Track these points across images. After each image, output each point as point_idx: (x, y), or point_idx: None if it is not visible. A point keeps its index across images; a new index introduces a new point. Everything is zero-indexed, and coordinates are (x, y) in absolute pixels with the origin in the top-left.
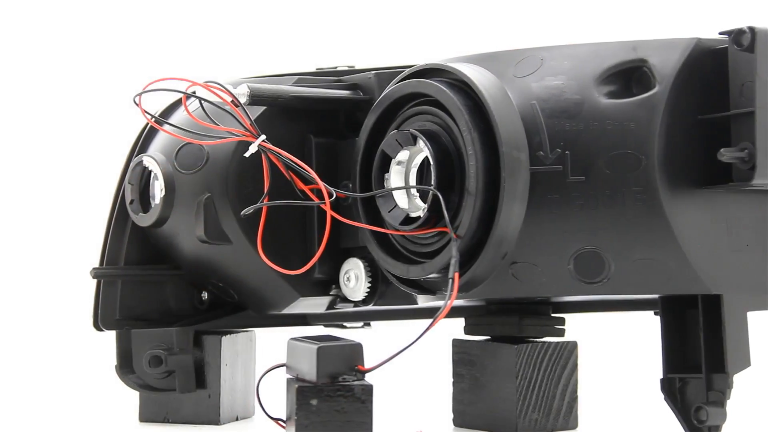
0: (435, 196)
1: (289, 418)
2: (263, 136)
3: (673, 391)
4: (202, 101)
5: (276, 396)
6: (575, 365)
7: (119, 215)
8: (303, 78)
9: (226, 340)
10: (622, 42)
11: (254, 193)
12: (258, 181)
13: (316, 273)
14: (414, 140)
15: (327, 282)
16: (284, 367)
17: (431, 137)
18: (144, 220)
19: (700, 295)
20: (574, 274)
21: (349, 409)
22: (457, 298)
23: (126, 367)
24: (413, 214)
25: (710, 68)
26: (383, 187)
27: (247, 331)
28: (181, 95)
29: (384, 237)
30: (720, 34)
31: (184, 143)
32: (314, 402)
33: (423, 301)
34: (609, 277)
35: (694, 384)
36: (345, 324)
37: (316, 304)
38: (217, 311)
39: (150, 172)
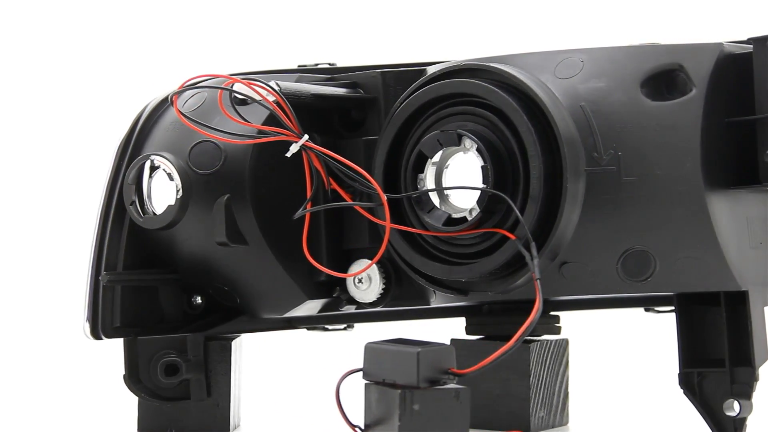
0: (491, 197)
1: (374, 424)
2: (306, 136)
3: (692, 385)
4: (234, 96)
5: (278, 402)
6: (568, 362)
7: (116, 217)
8: (303, 76)
9: (235, 346)
10: (658, 45)
11: (270, 193)
12: (273, 182)
13: (323, 275)
14: (458, 141)
15: (331, 284)
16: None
17: (482, 138)
18: (154, 222)
19: (722, 292)
20: (621, 272)
21: (448, 412)
22: (501, 298)
23: (135, 376)
24: (456, 215)
25: (733, 72)
26: (416, 187)
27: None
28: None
29: (413, 238)
30: (748, 39)
31: (197, 141)
32: (416, 407)
33: (442, 302)
34: (653, 276)
35: (712, 378)
36: (327, 326)
37: (317, 307)
38: (213, 316)
39: (153, 172)
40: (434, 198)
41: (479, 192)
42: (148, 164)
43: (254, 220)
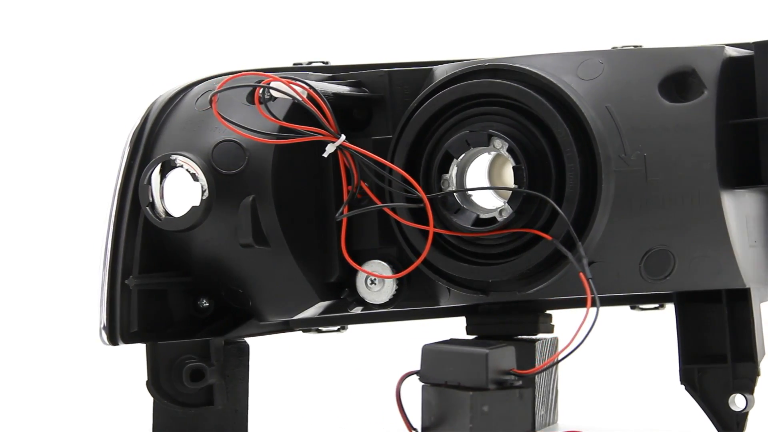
0: (525, 198)
1: (433, 427)
2: (343, 136)
3: (693, 380)
4: (268, 94)
5: (282, 406)
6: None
7: (131, 219)
8: (307, 74)
9: (253, 350)
10: (671, 48)
11: (288, 193)
12: (291, 181)
13: (334, 276)
14: (487, 141)
15: (340, 285)
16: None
17: (513, 139)
18: (175, 224)
19: (724, 290)
20: (643, 272)
21: (513, 412)
22: (526, 298)
23: (158, 382)
24: (484, 216)
25: (734, 75)
26: (440, 188)
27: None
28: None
29: (435, 238)
30: (754, 43)
31: (219, 141)
32: (486, 408)
33: (454, 302)
34: (671, 275)
35: (712, 373)
36: (321, 328)
37: (321, 309)
38: (223, 320)
39: (167, 172)
40: (460, 198)
41: (510, 192)
42: (159, 165)
43: (277, 221)
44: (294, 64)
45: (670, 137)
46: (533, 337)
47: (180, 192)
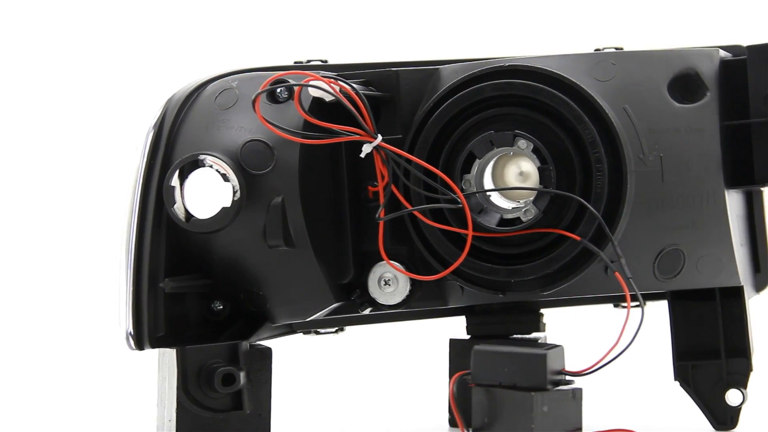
0: (552, 198)
1: (485, 428)
2: (380, 137)
3: (687, 377)
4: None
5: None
6: None
7: (155, 221)
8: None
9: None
10: (675, 50)
11: (311, 193)
12: (313, 181)
13: (348, 277)
14: (512, 141)
15: (351, 286)
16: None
17: (541, 140)
18: (204, 225)
19: (718, 288)
20: (656, 271)
21: (568, 412)
22: (547, 298)
23: (186, 387)
24: (508, 216)
25: (728, 77)
26: (462, 187)
27: None
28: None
29: (458, 237)
30: (747, 47)
31: (247, 140)
32: (545, 408)
33: (464, 302)
34: (679, 273)
35: (704, 369)
36: (319, 329)
37: (332, 309)
38: (238, 323)
39: (189, 172)
40: (480, 198)
41: (535, 192)
42: (185, 166)
43: (303, 222)
44: (295, 62)
45: (682, 138)
46: (527, 336)
47: (203, 192)
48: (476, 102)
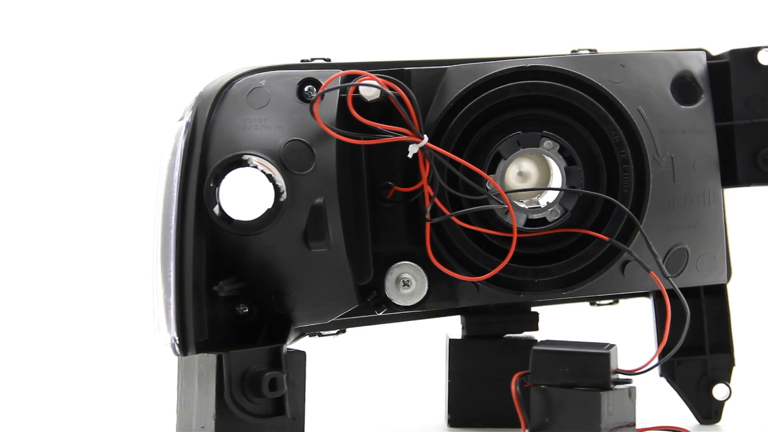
0: (581, 199)
1: (544, 427)
2: (426, 137)
3: (672, 372)
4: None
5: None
6: None
7: (197, 223)
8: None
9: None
10: (672, 51)
11: (344, 195)
12: (345, 183)
13: (368, 278)
14: (538, 142)
15: (368, 288)
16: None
17: (568, 140)
18: (248, 227)
19: (703, 287)
20: (665, 269)
21: (624, 409)
22: (568, 297)
23: (231, 393)
24: (534, 216)
25: (714, 80)
26: (486, 187)
27: None
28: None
29: (482, 237)
30: (729, 51)
31: (288, 140)
32: (610, 408)
33: (486, 301)
34: (682, 272)
35: (688, 365)
36: (322, 332)
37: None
38: (267, 326)
39: (226, 172)
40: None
41: (560, 192)
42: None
43: (340, 223)
44: (302, 61)
45: (688, 139)
46: (519, 335)
47: (242, 193)
48: (500, 102)
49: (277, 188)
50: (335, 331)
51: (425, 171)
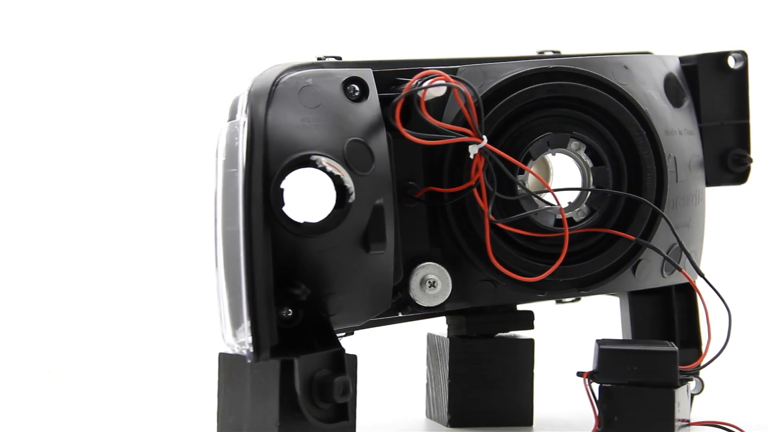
0: (604, 198)
1: (614, 425)
2: (485, 138)
3: None
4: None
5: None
6: None
7: (266, 225)
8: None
9: None
10: (660, 55)
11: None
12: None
13: (399, 279)
14: (567, 142)
15: (394, 289)
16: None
17: (596, 141)
18: (315, 228)
19: (674, 285)
20: (663, 268)
21: (685, 405)
22: (587, 295)
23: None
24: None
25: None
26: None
27: None
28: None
29: (510, 237)
30: (697, 56)
31: (350, 140)
32: (679, 405)
33: (503, 301)
34: (675, 270)
35: None
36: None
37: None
38: (308, 330)
39: (290, 171)
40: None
41: (588, 192)
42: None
43: (393, 224)
44: (318, 59)
45: (683, 141)
46: (508, 334)
47: (305, 194)
48: (526, 103)
49: (345, 189)
50: (344, 333)
51: (478, 172)
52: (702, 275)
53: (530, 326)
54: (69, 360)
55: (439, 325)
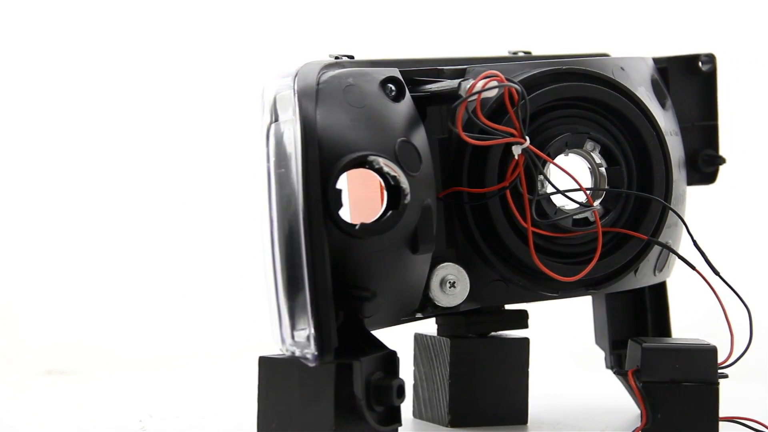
0: (618, 198)
1: (657, 423)
2: (528, 139)
3: (621, 364)
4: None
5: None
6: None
7: (325, 228)
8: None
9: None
10: (644, 57)
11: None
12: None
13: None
14: (583, 143)
15: None
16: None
17: (611, 141)
18: (371, 230)
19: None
20: (656, 267)
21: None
22: (597, 294)
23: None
24: (578, 216)
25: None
26: (536, 188)
27: None
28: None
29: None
30: (667, 58)
31: (400, 141)
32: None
33: (514, 301)
34: (663, 268)
35: None
36: None
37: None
38: (348, 331)
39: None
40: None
41: (603, 192)
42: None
43: (438, 225)
44: (335, 57)
45: (673, 141)
46: (501, 333)
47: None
48: (545, 104)
49: (401, 190)
50: None
51: (516, 173)
52: (719, 274)
53: (524, 325)
54: (69, 360)
55: (425, 326)
